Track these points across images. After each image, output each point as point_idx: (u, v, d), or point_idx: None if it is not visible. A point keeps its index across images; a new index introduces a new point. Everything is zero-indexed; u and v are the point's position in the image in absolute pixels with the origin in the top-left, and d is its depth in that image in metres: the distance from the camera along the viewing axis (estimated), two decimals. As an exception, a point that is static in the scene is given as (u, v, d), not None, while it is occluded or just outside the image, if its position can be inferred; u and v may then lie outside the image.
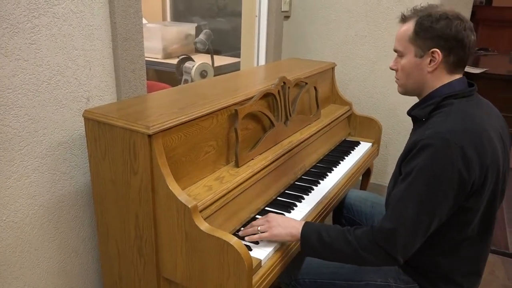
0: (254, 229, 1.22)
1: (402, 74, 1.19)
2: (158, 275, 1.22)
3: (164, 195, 1.11)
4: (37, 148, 1.25)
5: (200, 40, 3.01)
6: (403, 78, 1.20)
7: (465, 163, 1.01)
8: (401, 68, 1.19)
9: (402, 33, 1.17)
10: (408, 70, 1.18)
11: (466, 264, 1.18)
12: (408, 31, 1.15)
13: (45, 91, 1.24)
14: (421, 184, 1.04)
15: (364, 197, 1.70)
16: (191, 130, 1.22)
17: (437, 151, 1.02)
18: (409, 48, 1.16)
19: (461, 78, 1.16)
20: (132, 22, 1.42)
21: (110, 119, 1.16)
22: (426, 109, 1.15)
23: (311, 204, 1.46)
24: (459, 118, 1.08)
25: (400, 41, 1.18)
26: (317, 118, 1.91)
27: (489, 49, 4.47)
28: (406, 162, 1.10)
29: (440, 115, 1.11)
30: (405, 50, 1.17)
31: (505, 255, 2.35)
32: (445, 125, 1.06)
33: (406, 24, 1.17)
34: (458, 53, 1.11)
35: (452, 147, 1.01)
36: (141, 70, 1.50)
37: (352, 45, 2.53)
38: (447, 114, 1.10)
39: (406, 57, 1.17)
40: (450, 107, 1.11)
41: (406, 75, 1.19)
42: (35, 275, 1.33)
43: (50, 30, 1.22)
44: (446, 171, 1.02)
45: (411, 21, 1.15)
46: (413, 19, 1.15)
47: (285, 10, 2.57)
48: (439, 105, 1.13)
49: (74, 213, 1.40)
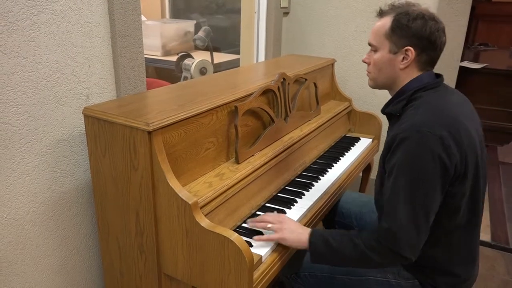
0: (264, 225, 1.22)
1: (375, 68, 1.22)
2: (159, 271, 1.22)
3: (165, 191, 1.11)
4: (37, 145, 1.25)
5: (199, 37, 3.00)
6: (375, 72, 1.22)
7: (444, 149, 1.03)
8: (374, 62, 1.21)
9: (378, 27, 1.19)
10: (380, 65, 1.20)
11: (460, 253, 1.19)
12: (385, 26, 1.16)
13: (45, 88, 1.24)
14: (406, 179, 1.05)
15: (352, 198, 1.70)
16: (191, 127, 1.22)
17: (415, 143, 1.04)
18: (384, 43, 1.17)
19: (429, 72, 1.19)
20: (131, 19, 1.42)
21: (110, 116, 1.16)
22: (399, 105, 1.18)
23: (312, 200, 1.47)
24: (430, 109, 1.10)
25: (376, 36, 1.19)
26: (317, 114, 1.91)
27: (489, 44, 4.46)
28: (388, 159, 1.12)
29: (411, 108, 1.14)
30: (379, 45, 1.19)
31: (506, 250, 2.36)
32: (417, 117, 1.08)
33: (383, 19, 1.18)
34: (430, 53, 1.15)
35: (429, 137, 1.03)
36: (141, 67, 1.50)
37: (351, 41, 2.52)
38: (418, 107, 1.13)
39: (380, 52, 1.19)
40: (420, 99, 1.14)
41: (378, 69, 1.21)
42: (36, 272, 1.33)
43: (49, 27, 1.21)
44: (427, 161, 1.03)
45: (388, 17, 1.17)
46: (390, 15, 1.17)
47: (284, 7, 2.57)
48: (410, 99, 1.16)
49: (74, 210, 1.41)
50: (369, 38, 1.22)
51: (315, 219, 1.44)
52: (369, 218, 1.55)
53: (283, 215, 1.27)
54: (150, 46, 3.15)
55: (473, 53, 3.91)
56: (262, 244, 1.21)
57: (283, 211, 1.38)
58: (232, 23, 3.52)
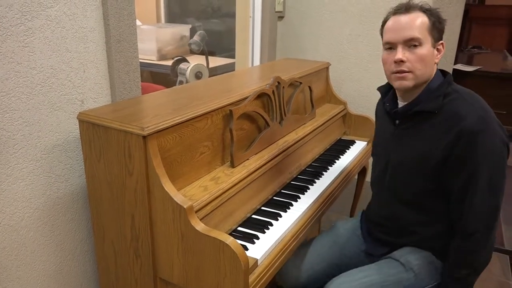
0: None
1: (420, 64, 1.15)
2: (155, 276, 1.22)
3: (160, 196, 1.12)
4: (31, 151, 1.25)
5: (195, 41, 3.01)
6: (421, 68, 1.15)
7: (504, 134, 1.10)
8: (419, 57, 1.14)
9: (420, 21, 1.15)
10: (427, 60, 1.16)
11: None
12: (425, 20, 1.16)
13: (39, 93, 1.24)
14: (489, 169, 1.10)
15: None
16: (186, 131, 1.23)
17: (490, 134, 1.09)
18: (427, 37, 1.16)
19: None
20: (125, 24, 1.43)
21: (105, 121, 1.16)
22: (437, 101, 1.17)
23: (308, 203, 1.47)
24: (477, 100, 1.15)
25: (420, 30, 1.14)
26: (312, 118, 1.92)
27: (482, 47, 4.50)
28: (457, 152, 1.11)
29: (456, 101, 1.15)
30: (425, 39, 1.15)
31: (501, 251, 2.37)
32: (476, 109, 1.11)
33: (413, 13, 1.16)
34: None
35: (496, 125, 1.10)
36: (135, 71, 1.51)
37: (346, 44, 2.54)
38: (464, 98, 1.15)
39: (425, 47, 1.15)
40: (455, 92, 1.17)
41: (424, 64, 1.15)
42: (31, 278, 1.33)
43: (43, 32, 1.22)
44: (501, 148, 1.10)
45: (419, 11, 1.16)
46: (418, 10, 1.17)
47: (279, 11, 2.58)
48: (446, 93, 1.17)
49: (70, 216, 1.40)
50: (405, 32, 1.14)
51: (311, 221, 1.44)
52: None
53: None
54: (145, 51, 3.15)
55: (466, 56, 3.94)
56: (257, 247, 1.21)
57: (279, 214, 1.38)
58: (228, 27, 3.53)
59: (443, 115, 1.15)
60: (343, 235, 1.48)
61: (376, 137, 1.46)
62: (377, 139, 1.44)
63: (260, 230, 1.28)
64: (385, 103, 1.32)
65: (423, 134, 1.19)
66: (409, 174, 1.24)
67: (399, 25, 1.16)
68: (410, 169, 1.23)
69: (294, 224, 1.36)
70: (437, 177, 1.18)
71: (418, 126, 1.21)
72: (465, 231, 1.15)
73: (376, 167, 1.41)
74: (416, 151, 1.21)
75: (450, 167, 1.14)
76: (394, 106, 1.29)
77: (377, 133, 1.45)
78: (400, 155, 1.26)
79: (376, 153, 1.43)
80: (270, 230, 1.30)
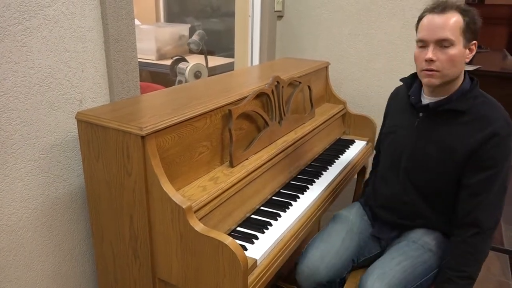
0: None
1: (449, 64, 1.20)
2: (154, 276, 1.22)
3: (158, 196, 1.11)
4: (30, 151, 1.24)
5: (194, 41, 3.00)
6: (448, 67, 1.21)
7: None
8: (449, 58, 1.19)
9: (453, 23, 1.18)
10: (457, 60, 1.21)
11: None
12: (459, 22, 1.19)
13: (37, 93, 1.23)
14: (502, 170, 1.20)
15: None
16: (185, 131, 1.22)
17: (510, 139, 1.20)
18: (459, 38, 1.19)
19: None
20: (124, 23, 1.42)
21: (103, 121, 1.15)
22: (468, 102, 1.24)
23: (307, 202, 1.46)
24: (498, 104, 1.24)
25: (452, 31, 1.18)
26: (312, 117, 1.91)
27: (482, 46, 4.49)
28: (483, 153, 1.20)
29: (483, 104, 1.24)
30: (457, 40, 1.19)
31: (500, 251, 2.37)
32: (501, 113, 1.21)
33: (449, 14, 1.19)
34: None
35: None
36: (134, 71, 1.50)
37: (345, 44, 2.53)
38: (490, 102, 1.24)
39: (456, 47, 1.19)
40: (483, 95, 1.26)
41: (453, 65, 1.21)
42: (29, 279, 1.32)
43: (41, 32, 1.21)
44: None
45: (455, 12, 1.19)
46: (454, 10, 1.19)
47: (278, 10, 2.57)
48: (476, 95, 1.25)
49: (68, 216, 1.40)
50: (437, 33, 1.19)
51: (311, 221, 1.43)
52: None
53: None
54: (144, 50, 3.14)
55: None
56: (257, 247, 1.20)
57: (278, 214, 1.37)
58: (227, 27, 3.53)
59: (471, 115, 1.23)
60: (355, 222, 1.47)
61: (390, 126, 1.48)
62: (391, 128, 1.46)
63: (259, 230, 1.28)
64: (411, 96, 1.37)
65: (451, 130, 1.26)
66: (430, 164, 1.30)
67: (433, 25, 1.20)
68: (433, 160, 1.29)
69: (294, 224, 1.36)
70: (456, 170, 1.26)
71: (445, 122, 1.28)
72: (475, 226, 1.22)
73: (388, 154, 1.45)
74: (442, 145, 1.27)
75: (473, 163, 1.22)
76: (419, 99, 1.35)
77: (392, 123, 1.47)
78: (424, 146, 1.32)
79: (390, 141, 1.45)
80: (269, 230, 1.29)
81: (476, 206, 1.23)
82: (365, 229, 1.47)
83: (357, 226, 1.46)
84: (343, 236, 1.41)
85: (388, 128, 1.49)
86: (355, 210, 1.52)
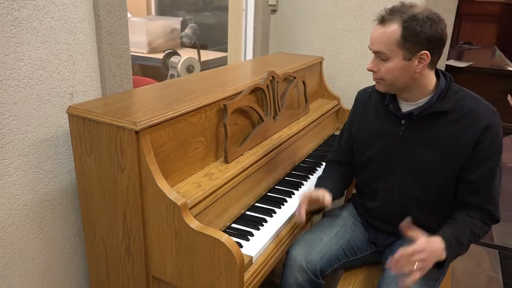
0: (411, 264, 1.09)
1: (389, 75, 1.18)
2: (147, 274, 1.20)
3: (153, 192, 1.09)
4: (19, 145, 1.21)
5: (186, 34, 2.97)
6: (390, 79, 1.19)
7: None
8: (387, 70, 1.17)
9: (387, 36, 1.13)
10: (396, 73, 1.17)
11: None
12: (395, 35, 1.12)
13: (27, 86, 1.20)
14: (499, 158, 1.22)
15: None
16: (179, 126, 1.20)
17: (499, 126, 1.21)
18: (396, 51, 1.14)
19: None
20: (116, 15, 1.38)
21: (96, 115, 1.12)
22: (450, 99, 1.22)
23: (301, 199, 1.45)
24: (478, 96, 1.24)
25: (386, 45, 1.14)
26: (306, 113, 1.90)
27: (473, 43, 4.52)
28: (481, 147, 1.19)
29: (465, 98, 1.22)
30: (392, 54, 1.15)
31: (490, 246, 2.39)
32: (485, 105, 1.21)
33: (387, 26, 1.14)
34: (440, 51, 1.17)
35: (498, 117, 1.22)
36: (127, 64, 1.47)
37: (339, 39, 2.52)
38: (469, 93, 1.24)
39: (393, 61, 1.15)
40: (462, 90, 1.25)
41: (394, 77, 1.18)
42: (19, 277, 1.29)
43: (31, 23, 1.17)
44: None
45: (394, 24, 1.12)
46: (395, 21, 1.12)
47: (272, 4, 2.55)
48: (455, 91, 1.23)
49: (59, 212, 1.37)
50: (374, 46, 1.17)
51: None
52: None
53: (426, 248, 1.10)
54: (135, 43, 3.10)
55: (457, 52, 3.96)
56: (252, 244, 1.19)
57: (273, 210, 1.36)
58: (220, 21, 3.49)
59: (457, 112, 1.21)
60: (348, 219, 1.45)
61: (366, 134, 1.37)
62: (369, 138, 1.36)
63: (255, 227, 1.27)
64: (389, 105, 1.30)
65: (442, 131, 1.22)
66: (429, 170, 1.26)
67: (372, 36, 1.19)
68: (432, 165, 1.25)
69: (289, 220, 1.35)
70: (455, 170, 1.23)
71: (433, 124, 1.23)
72: (486, 217, 1.23)
73: (376, 166, 1.36)
74: (437, 147, 1.23)
75: (473, 159, 1.21)
76: (398, 107, 1.28)
77: (368, 130, 1.37)
78: (418, 153, 1.25)
79: (374, 153, 1.35)
80: (264, 226, 1.28)
81: (483, 200, 1.22)
82: (359, 229, 1.43)
83: (350, 224, 1.43)
84: (337, 230, 1.40)
85: (363, 134, 1.39)
86: (349, 209, 1.49)
